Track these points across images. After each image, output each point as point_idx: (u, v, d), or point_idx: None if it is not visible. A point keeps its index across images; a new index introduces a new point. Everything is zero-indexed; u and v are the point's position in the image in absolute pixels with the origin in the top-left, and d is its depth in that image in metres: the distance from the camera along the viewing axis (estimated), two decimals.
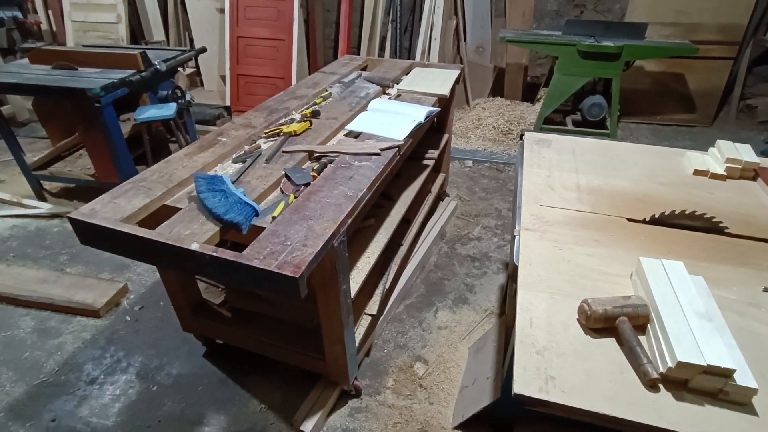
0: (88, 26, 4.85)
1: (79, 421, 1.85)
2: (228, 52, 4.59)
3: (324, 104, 2.22)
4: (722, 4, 3.99)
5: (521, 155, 1.83)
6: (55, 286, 2.42)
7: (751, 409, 0.89)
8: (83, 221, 1.31)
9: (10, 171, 3.61)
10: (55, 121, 3.41)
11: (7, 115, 4.01)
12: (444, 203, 3.08)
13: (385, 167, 1.66)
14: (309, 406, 1.80)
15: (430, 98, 2.27)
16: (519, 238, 1.35)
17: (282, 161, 1.68)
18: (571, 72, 3.72)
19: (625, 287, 1.17)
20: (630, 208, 1.50)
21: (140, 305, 2.40)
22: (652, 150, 1.90)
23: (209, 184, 1.40)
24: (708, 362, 0.88)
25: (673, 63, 4.27)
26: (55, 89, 2.61)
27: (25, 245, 2.84)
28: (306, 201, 1.43)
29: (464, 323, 2.29)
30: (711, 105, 4.42)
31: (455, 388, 1.95)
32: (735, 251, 1.31)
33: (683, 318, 0.99)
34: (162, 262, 1.30)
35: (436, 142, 2.81)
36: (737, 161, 1.67)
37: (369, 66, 2.92)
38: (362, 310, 2.00)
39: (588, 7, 4.47)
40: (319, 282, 1.50)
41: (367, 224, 2.11)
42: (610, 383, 0.94)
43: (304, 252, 1.20)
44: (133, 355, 2.13)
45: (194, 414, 1.87)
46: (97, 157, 2.97)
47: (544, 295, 1.15)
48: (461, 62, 4.71)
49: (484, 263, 2.70)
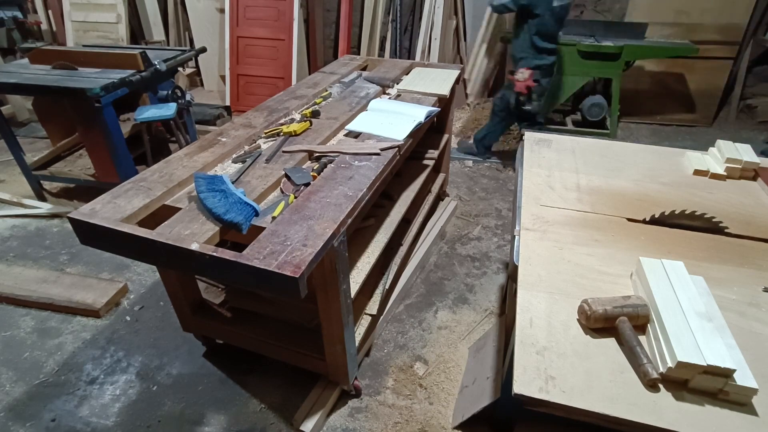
0: (88, 26, 4.85)
1: (79, 421, 1.85)
2: (228, 52, 4.59)
3: (324, 104, 2.22)
4: (722, 4, 3.99)
5: (521, 155, 1.83)
6: (55, 286, 2.42)
7: (751, 409, 0.89)
8: (83, 221, 1.31)
9: (10, 171, 3.61)
10: (55, 121, 3.41)
11: (7, 115, 4.02)
12: (444, 203, 3.08)
13: (385, 167, 1.66)
14: (309, 406, 1.80)
15: (430, 98, 2.27)
16: (519, 238, 1.35)
17: (282, 161, 1.68)
18: (571, 72, 3.71)
19: (625, 287, 1.17)
20: (630, 208, 1.50)
21: (140, 305, 2.40)
22: (652, 150, 1.90)
23: (209, 184, 1.40)
24: (708, 362, 0.88)
25: (673, 63, 4.27)
26: (55, 89, 2.61)
27: (25, 245, 2.84)
28: (306, 201, 1.43)
29: (464, 323, 2.29)
30: (711, 105, 4.42)
31: (455, 388, 1.95)
32: (735, 251, 1.31)
33: (683, 318, 0.99)
34: (162, 262, 1.30)
35: (436, 142, 2.81)
36: (737, 161, 1.67)
37: (369, 66, 2.92)
38: (362, 310, 2.00)
39: (588, 7, 4.47)
40: (319, 282, 1.49)
41: (367, 224, 2.11)
42: (610, 383, 0.94)
43: (304, 252, 1.20)
44: (133, 355, 2.13)
45: (194, 414, 1.87)
46: (97, 157, 2.97)
47: (544, 295, 1.15)
48: (461, 62, 4.71)
49: (484, 263, 2.70)
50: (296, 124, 1.89)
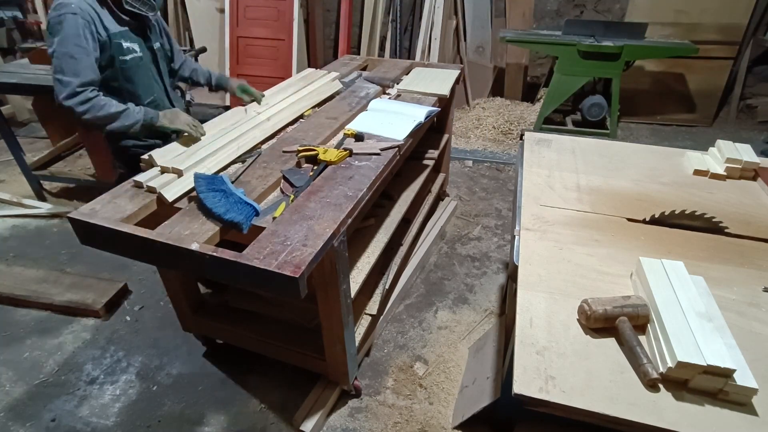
0: None
1: (79, 421, 1.85)
2: (228, 52, 4.59)
3: (324, 104, 2.22)
4: (722, 4, 3.99)
5: (521, 155, 1.83)
6: (55, 286, 2.42)
7: (751, 409, 0.89)
8: (83, 221, 1.31)
9: (10, 171, 3.61)
10: (55, 121, 3.41)
11: (7, 115, 4.01)
12: (444, 203, 3.08)
13: (385, 167, 1.66)
14: (309, 406, 1.80)
15: (430, 98, 2.27)
16: (519, 238, 1.35)
17: (282, 161, 1.68)
18: (571, 72, 3.72)
19: (625, 287, 1.17)
20: (630, 208, 1.50)
21: (140, 305, 2.40)
22: (652, 150, 1.90)
23: (209, 184, 1.40)
24: (708, 362, 0.88)
25: (673, 63, 4.27)
26: None
27: (25, 245, 2.84)
28: (306, 201, 1.43)
29: (464, 323, 2.29)
30: (711, 105, 4.42)
31: (455, 388, 1.95)
32: (735, 251, 1.31)
33: (683, 318, 0.99)
34: (162, 262, 1.30)
35: (436, 142, 2.81)
36: (737, 161, 1.67)
37: (369, 66, 2.92)
38: (362, 310, 2.00)
39: (588, 7, 4.47)
40: (319, 282, 1.49)
41: (367, 224, 2.11)
42: (610, 383, 0.94)
43: (304, 252, 1.20)
44: (133, 355, 2.13)
45: (194, 414, 1.87)
46: (97, 157, 2.97)
47: (544, 295, 1.15)
48: (461, 62, 4.71)
49: (484, 263, 2.70)
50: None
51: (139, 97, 1.77)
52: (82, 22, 1.51)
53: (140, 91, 1.77)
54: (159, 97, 1.86)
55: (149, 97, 1.81)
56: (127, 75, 1.71)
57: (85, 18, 1.52)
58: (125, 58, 1.67)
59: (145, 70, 1.78)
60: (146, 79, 1.79)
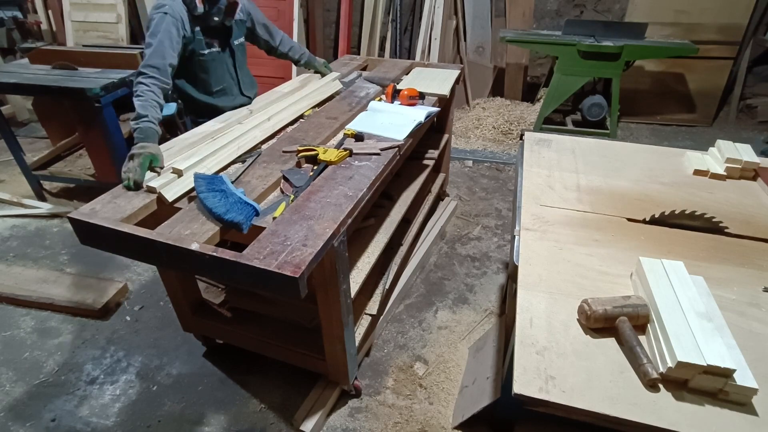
0: (88, 26, 4.84)
1: (79, 421, 1.85)
2: None
3: (324, 104, 2.22)
4: (722, 4, 3.99)
5: (521, 155, 1.83)
6: (55, 286, 2.42)
7: (751, 409, 0.89)
8: (83, 221, 1.31)
9: (10, 171, 3.61)
10: (55, 121, 3.41)
11: (7, 115, 4.02)
12: (444, 203, 3.08)
13: (385, 167, 1.66)
14: (309, 406, 1.80)
15: (430, 98, 2.27)
16: (519, 238, 1.35)
17: (282, 161, 1.68)
18: (571, 72, 3.72)
19: (625, 287, 1.17)
20: (630, 208, 1.50)
21: (140, 305, 2.40)
22: (652, 150, 1.90)
23: (209, 184, 1.40)
24: (708, 362, 0.88)
25: (673, 63, 4.27)
26: (55, 89, 2.61)
27: (25, 245, 2.84)
28: (306, 201, 1.43)
29: (464, 323, 2.29)
30: (711, 105, 4.42)
31: (455, 388, 1.95)
32: (735, 251, 1.31)
33: (683, 318, 0.99)
34: (162, 262, 1.30)
35: (436, 142, 2.81)
36: (737, 161, 1.67)
37: (369, 66, 2.92)
38: (362, 310, 2.00)
39: (588, 7, 4.47)
40: (319, 282, 1.49)
41: (367, 224, 2.11)
42: (610, 383, 0.94)
43: (304, 252, 1.20)
44: (133, 355, 2.13)
45: (194, 414, 1.87)
46: (97, 157, 2.97)
47: (544, 295, 1.15)
48: (461, 62, 4.71)
49: (484, 263, 2.70)
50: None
51: (210, 86, 2.03)
52: (171, 20, 1.79)
53: (212, 80, 2.03)
54: (228, 87, 2.11)
55: (219, 86, 2.06)
56: (204, 67, 1.98)
57: (175, 17, 1.80)
58: (203, 52, 1.94)
59: (220, 64, 2.03)
60: (220, 71, 2.05)
